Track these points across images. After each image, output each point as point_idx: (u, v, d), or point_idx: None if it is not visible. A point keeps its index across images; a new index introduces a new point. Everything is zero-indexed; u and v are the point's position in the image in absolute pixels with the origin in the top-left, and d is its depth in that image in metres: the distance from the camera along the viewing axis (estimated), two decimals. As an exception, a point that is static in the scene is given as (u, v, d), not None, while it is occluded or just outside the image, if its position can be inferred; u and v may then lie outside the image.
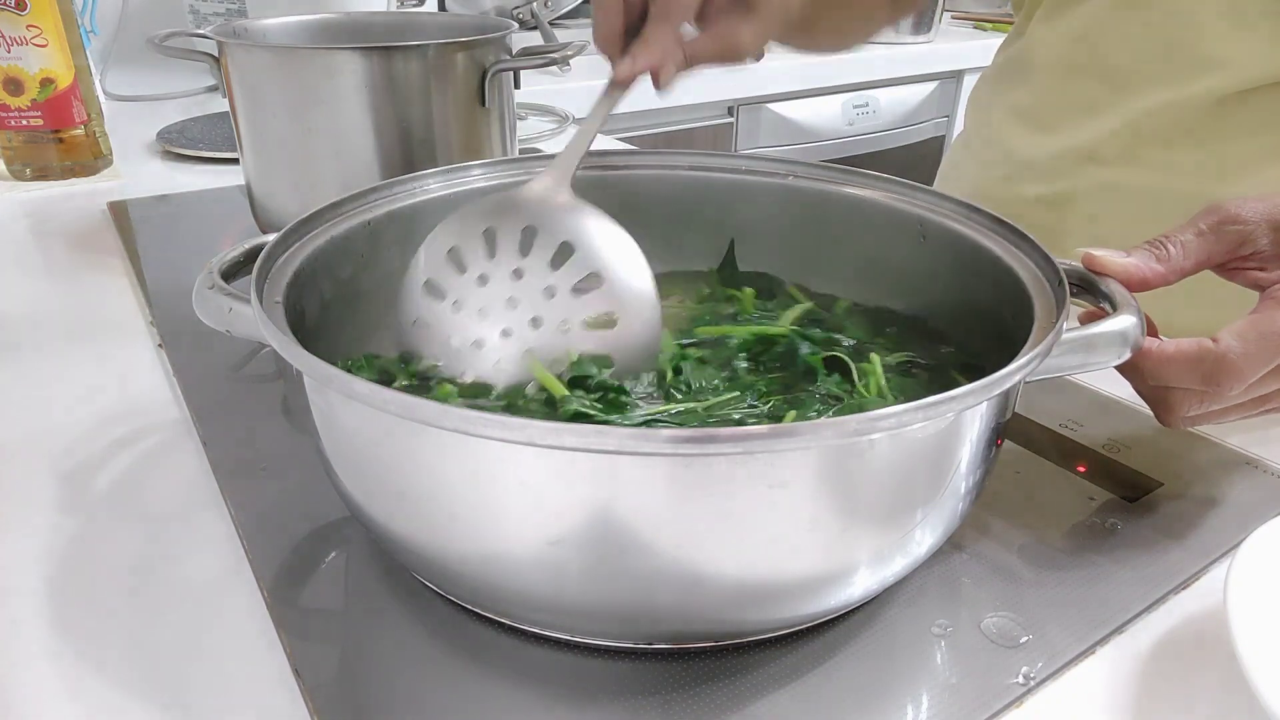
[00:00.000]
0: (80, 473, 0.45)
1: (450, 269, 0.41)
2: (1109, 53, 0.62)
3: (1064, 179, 0.66)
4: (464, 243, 0.41)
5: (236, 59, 0.62)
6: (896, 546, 0.32)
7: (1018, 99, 0.70)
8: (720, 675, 0.33)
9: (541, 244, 0.41)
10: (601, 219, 0.42)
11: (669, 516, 0.28)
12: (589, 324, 0.40)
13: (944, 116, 1.91)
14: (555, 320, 0.40)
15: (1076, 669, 0.34)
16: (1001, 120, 0.71)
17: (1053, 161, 0.67)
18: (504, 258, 0.41)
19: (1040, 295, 0.37)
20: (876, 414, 0.27)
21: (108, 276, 0.68)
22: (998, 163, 0.71)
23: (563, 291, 0.40)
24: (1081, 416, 0.50)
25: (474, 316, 0.41)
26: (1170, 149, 0.60)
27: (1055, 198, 0.67)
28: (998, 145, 0.71)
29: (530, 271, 0.41)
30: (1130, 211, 0.63)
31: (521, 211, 0.42)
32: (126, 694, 0.32)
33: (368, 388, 0.28)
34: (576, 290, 0.40)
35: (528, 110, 1.21)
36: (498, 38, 0.65)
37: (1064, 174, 0.66)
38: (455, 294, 0.41)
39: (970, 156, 0.77)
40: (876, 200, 0.49)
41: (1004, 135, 0.71)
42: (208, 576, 0.38)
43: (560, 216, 0.41)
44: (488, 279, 0.41)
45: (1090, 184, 0.64)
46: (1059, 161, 0.66)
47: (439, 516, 0.31)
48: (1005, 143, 0.70)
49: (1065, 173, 0.66)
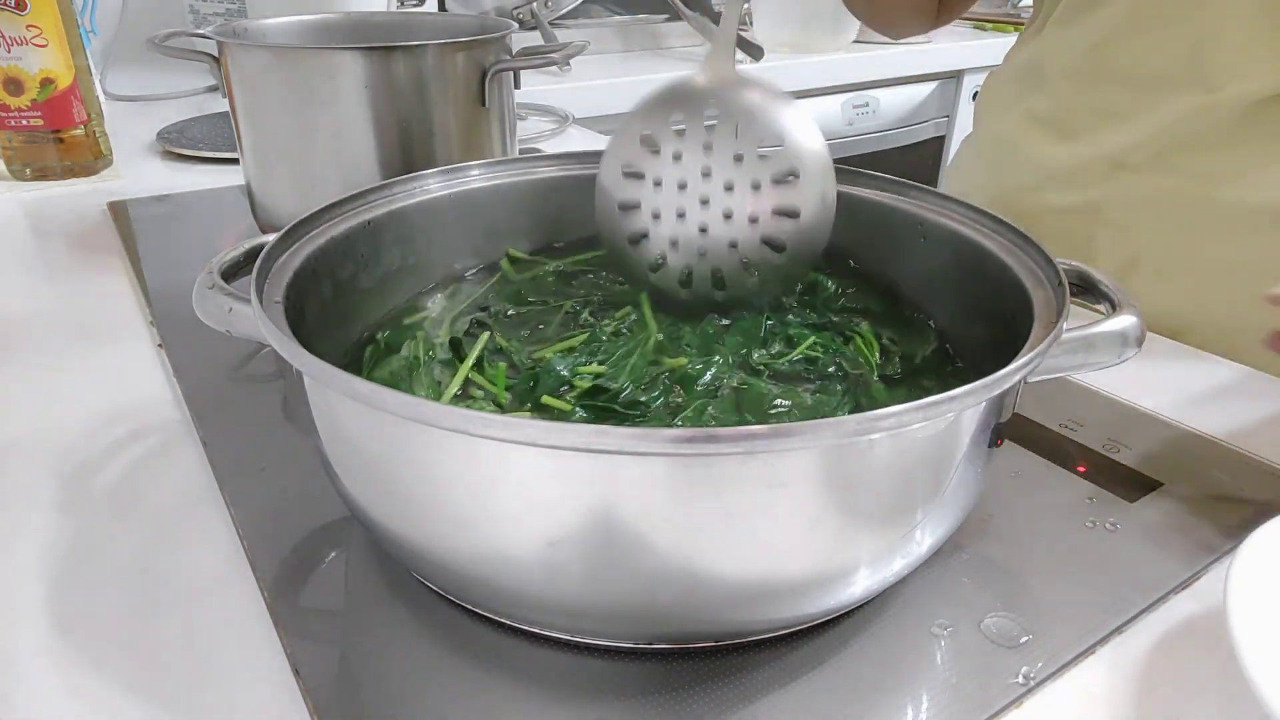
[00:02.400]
0: (80, 473, 0.45)
1: (645, 152, 0.45)
2: (1132, 59, 0.61)
3: (1091, 188, 0.65)
4: (655, 128, 0.45)
5: (236, 59, 0.62)
6: (896, 546, 0.32)
7: (1035, 104, 0.69)
8: (720, 675, 0.33)
9: (724, 121, 0.44)
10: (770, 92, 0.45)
11: (669, 516, 0.28)
12: (775, 179, 0.44)
13: (944, 116, 1.91)
14: (746, 183, 0.44)
15: (1076, 669, 0.34)
16: (1018, 126, 0.70)
17: (1078, 170, 0.65)
18: (692, 135, 0.45)
19: (1040, 295, 0.37)
20: (876, 414, 0.27)
21: (108, 276, 0.68)
22: (1017, 170, 0.70)
23: (750, 157, 0.44)
24: (1081, 416, 0.50)
25: (674, 191, 0.45)
26: (1203, 154, 0.59)
27: (1083, 206, 0.65)
28: (1016, 152, 0.70)
29: (718, 145, 0.44)
30: (1163, 220, 0.62)
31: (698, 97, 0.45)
32: (126, 694, 0.32)
33: (368, 388, 0.28)
34: (762, 156, 0.44)
35: (528, 110, 1.21)
36: (498, 38, 0.65)
37: (1091, 183, 0.65)
38: (654, 173, 0.45)
39: (982, 161, 0.76)
40: (876, 200, 0.49)
41: (1022, 142, 0.70)
42: (208, 576, 0.38)
43: (735, 93, 0.44)
44: (681, 156, 0.45)
45: (1120, 193, 0.63)
46: (1085, 170, 0.65)
47: (439, 516, 0.31)
48: (1024, 150, 0.69)
49: (1092, 181, 0.65)
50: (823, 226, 0.44)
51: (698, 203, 0.45)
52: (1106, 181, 0.64)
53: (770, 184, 0.44)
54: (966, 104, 1.91)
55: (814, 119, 0.44)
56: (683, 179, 0.45)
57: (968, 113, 1.92)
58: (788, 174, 0.44)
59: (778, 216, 0.44)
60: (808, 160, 0.44)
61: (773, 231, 0.45)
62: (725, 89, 0.45)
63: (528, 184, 0.52)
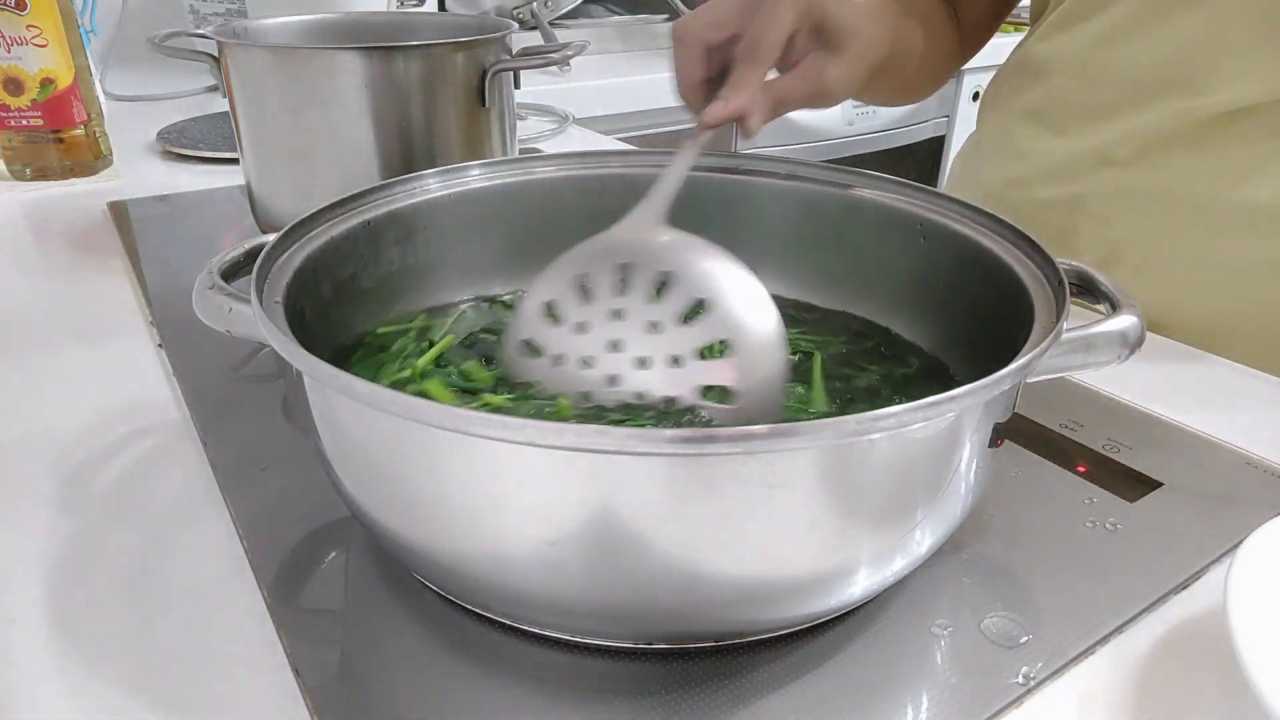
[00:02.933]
0: (80, 473, 0.45)
1: (545, 323, 0.39)
2: (1129, 60, 0.61)
3: (1077, 181, 0.66)
4: (558, 294, 0.39)
5: (236, 59, 0.62)
6: (896, 546, 0.32)
7: (1031, 101, 0.69)
8: (720, 675, 0.33)
9: (640, 279, 0.38)
10: (708, 249, 0.38)
11: (669, 516, 0.28)
12: (701, 353, 0.36)
13: (944, 116, 1.91)
14: (663, 356, 0.36)
15: (1076, 669, 0.34)
16: (1014, 122, 0.71)
17: (1066, 163, 0.66)
18: (601, 301, 0.38)
19: (1040, 295, 0.37)
20: (877, 414, 0.27)
21: (108, 276, 0.68)
22: (1010, 164, 0.71)
23: (669, 324, 0.37)
24: (1081, 416, 0.50)
25: (576, 366, 0.38)
26: (1184, 153, 0.60)
27: (1068, 200, 0.66)
28: (1010, 147, 0.71)
29: (631, 309, 0.37)
30: (1144, 215, 0.63)
31: (616, 252, 0.39)
32: (126, 694, 0.32)
33: (368, 388, 0.28)
34: (684, 322, 0.37)
35: (528, 110, 1.21)
36: (498, 38, 0.65)
37: (1077, 176, 0.66)
38: (554, 348, 0.38)
39: (982, 157, 0.76)
40: (876, 200, 0.49)
41: (1016, 137, 0.70)
42: (208, 576, 0.38)
43: (658, 251, 0.39)
44: (588, 326, 0.38)
45: (1103, 186, 0.64)
46: (1072, 164, 0.66)
47: (439, 516, 0.31)
48: (1018, 144, 0.70)
49: (1078, 175, 0.65)
50: (768, 406, 0.36)
51: (603, 383, 0.37)
52: (1091, 175, 0.65)
53: (694, 358, 0.36)
54: (967, 104, 1.91)
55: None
56: (587, 354, 0.38)
57: (968, 113, 1.92)
58: (716, 345, 0.36)
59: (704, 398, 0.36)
60: (743, 330, 0.36)
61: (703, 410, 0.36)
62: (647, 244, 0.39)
63: (528, 184, 0.52)
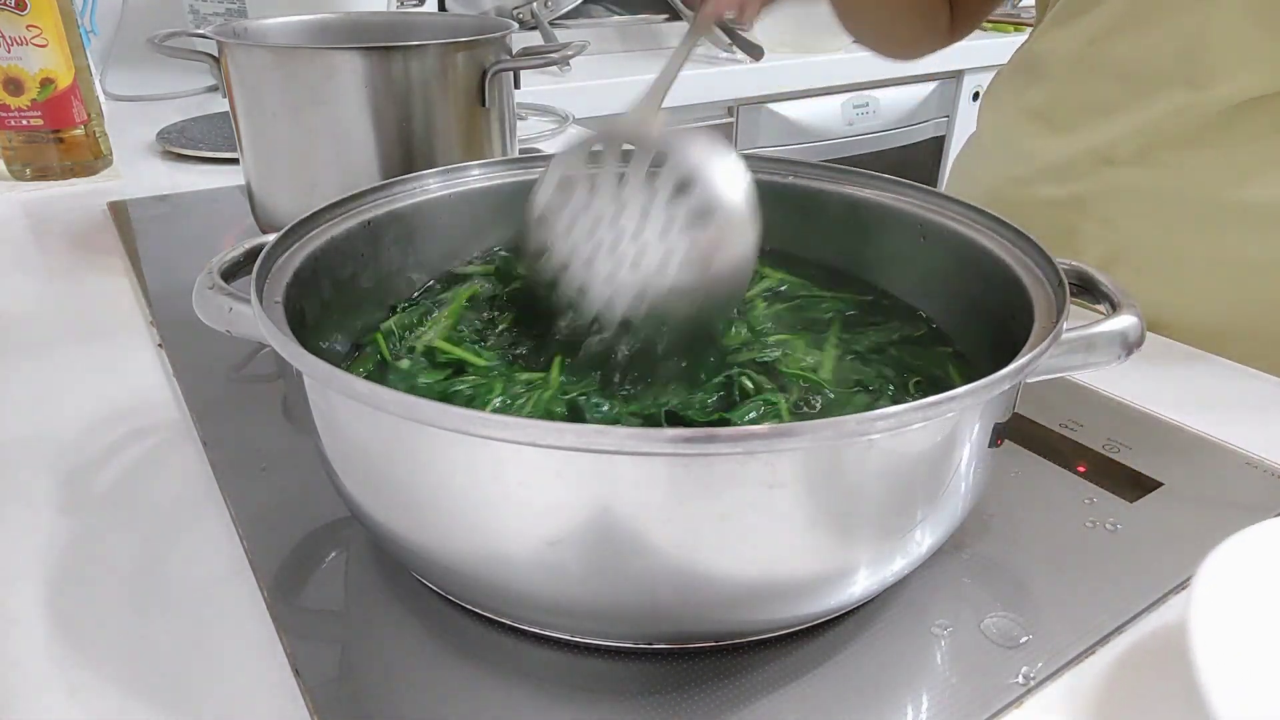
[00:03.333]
0: (80, 473, 0.45)
1: (561, 194, 0.44)
2: (1126, 56, 0.61)
3: (1079, 180, 0.66)
4: (571, 172, 0.44)
5: (236, 59, 0.62)
6: (896, 546, 0.32)
7: (1031, 99, 0.69)
8: (720, 675, 0.33)
9: (638, 162, 0.42)
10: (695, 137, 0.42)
11: (668, 516, 0.28)
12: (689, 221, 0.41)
13: (944, 116, 1.91)
14: (655, 230, 0.41)
15: (1076, 669, 0.34)
16: (1015, 120, 0.71)
17: (1068, 163, 0.66)
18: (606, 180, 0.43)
19: (1040, 295, 0.37)
20: (876, 414, 0.27)
21: (108, 276, 0.68)
22: (1011, 163, 0.71)
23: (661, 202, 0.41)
24: (1081, 416, 0.50)
25: (585, 234, 0.43)
26: (1185, 151, 0.60)
27: (1069, 199, 0.66)
28: (1012, 146, 0.71)
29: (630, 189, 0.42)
30: (1145, 214, 0.63)
31: (621, 137, 0.44)
32: (126, 694, 0.32)
33: (368, 388, 0.28)
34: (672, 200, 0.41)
35: (528, 110, 1.21)
36: (498, 38, 0.65)
37: (1079, 175, 0.66)
38: (568, 216, 0.43)
39: (983, 156, 0.77)
40: (876, 200, 0.49)
41: (1018, 135, 0.70)
42: (208, 576, 0.38)
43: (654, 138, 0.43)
44: (593, 200, 0.43)
45: (1105, 186, 0.64)
46: (1074, 163, 0.66)
47: (439, 516, 0.31)
48: (1019, 143, 0.70)
49: (1080, 174, 0.65)
50: (739, 275, 0.41)
51: (605, 250, 0.43)
52: (1093, 175, 0.65)
53: (679, 229, 0.41)
54: (966, 104, 1.92)
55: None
56: (592, 226, 0.43)
57: (968, 113, 1.92)
58: (698, 219, 0.41)
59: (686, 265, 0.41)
60: (722, 206, 0.41)
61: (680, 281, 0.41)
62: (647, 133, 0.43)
63: (528, 184, 0.51)
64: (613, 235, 0.42)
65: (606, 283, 0.42)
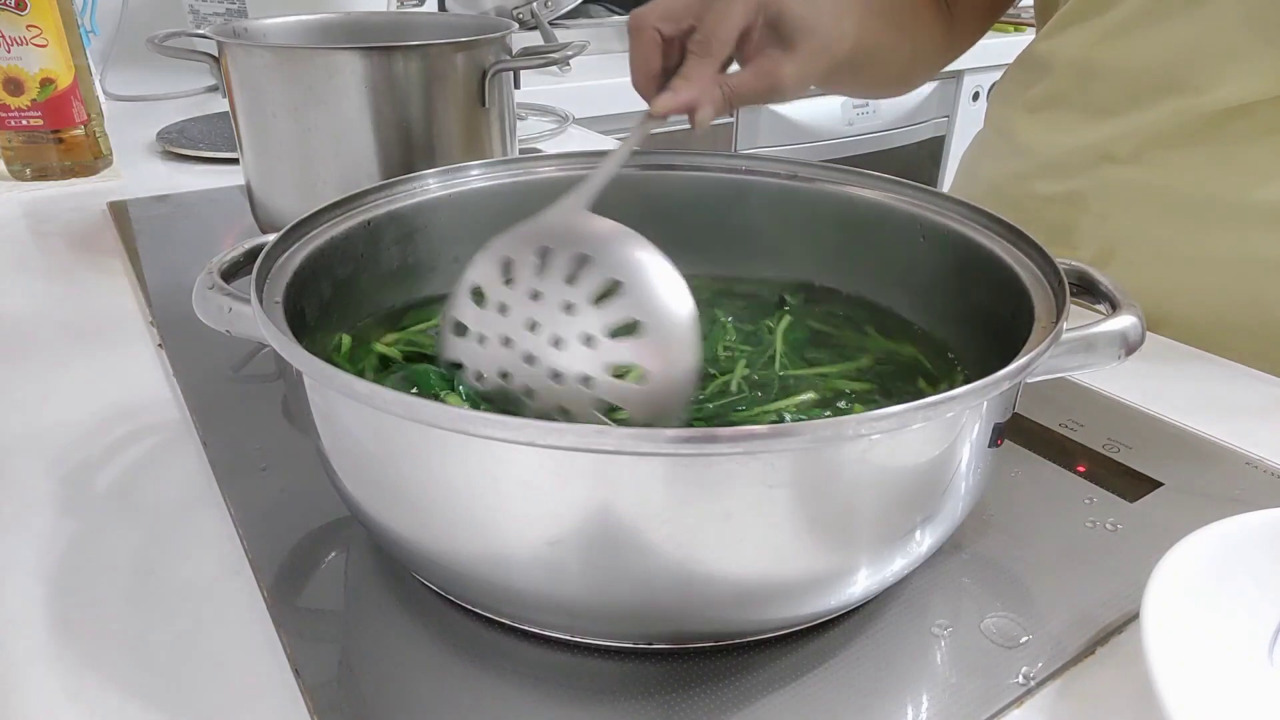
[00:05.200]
0: (80, 473, 0.45)
1: (472, 305, 0.39)
2: (1129, 59, 0.62)
3: (1077, 177, 0.66)
4: (485, 278, 0.39)
5: (236, 59, 0.62)
6: (896, 546, 0.32)
7: (1033, 97, 0.70)
8: (720, 675, 0.33)
9: (559, 261, 0.38)
10: (627, 235, 0.38)
11: (668, 516, 0.28)
12: (614, 332, 0.36)
13: (944, 116, 1.91)
14: (576, 335, 0.37)
15: (1076, 669, 0.34)
16: (1017, 117, 0.71)
17: (1067, 159, 0.67)
18: (522, 283, 0.38)
19: (1040, 295, 0.37)
20: (876, 414, 0.27)
21: (108, 276, 0.68)
22: (1012, 159, 0.71)
23: (583, 305, 0.37)
24: (1081, 416, 0.50)
25: (497, 347, 0.38)
26: (1182, 151, 0.60)
27: (1068, 196, 0.67)
28: (1013, 142, 0.71)
29: (549, 291, 0.38)
30: (1141, 211, 0.63)
31: (540, 236, 0.39)
32: (126, 694, 0.32)
33: (368, 388, 0.28)
34: (598, 303, 0.37)
35: (528, 110, 1.21)
36: (498, 38, 0.65)
37: (1078, 172, 0.66)
38: (478, 328, 0.39)
39: (987, 153, 0.77)
40: (876, 200, 0.49)
41: (1019, 132, 0.71)
42: (208, 576, 0.38)
43: (578, 236, 0.38)
44: (508, 308, 0.38)
45: (1103, 183, 0.65)
46: (1073, 160, 0.66)
47: (439, 516, 0.31)
48: (1020, 139, 0.70)
49: (1079, 171, 0.66)
50: (677, 392, 0.36)
51: (521, 360, 0.38)
52: (1091, 172, 0.65)
53: (606, 338, 0.36)
54: (967, 104, 1.92)
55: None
56: (507, 333, 0.38)
57: (968, 113, 1.92)
58: (628, 326, 0.36)
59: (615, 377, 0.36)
60: (655, 312, 0.36)
61: (609, 395, 0.36)
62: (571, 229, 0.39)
63: (528, 184, 0.52)
64: (529, 344, 0.37)
65: (526, 396, 0.38)
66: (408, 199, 0.47)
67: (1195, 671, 0.30)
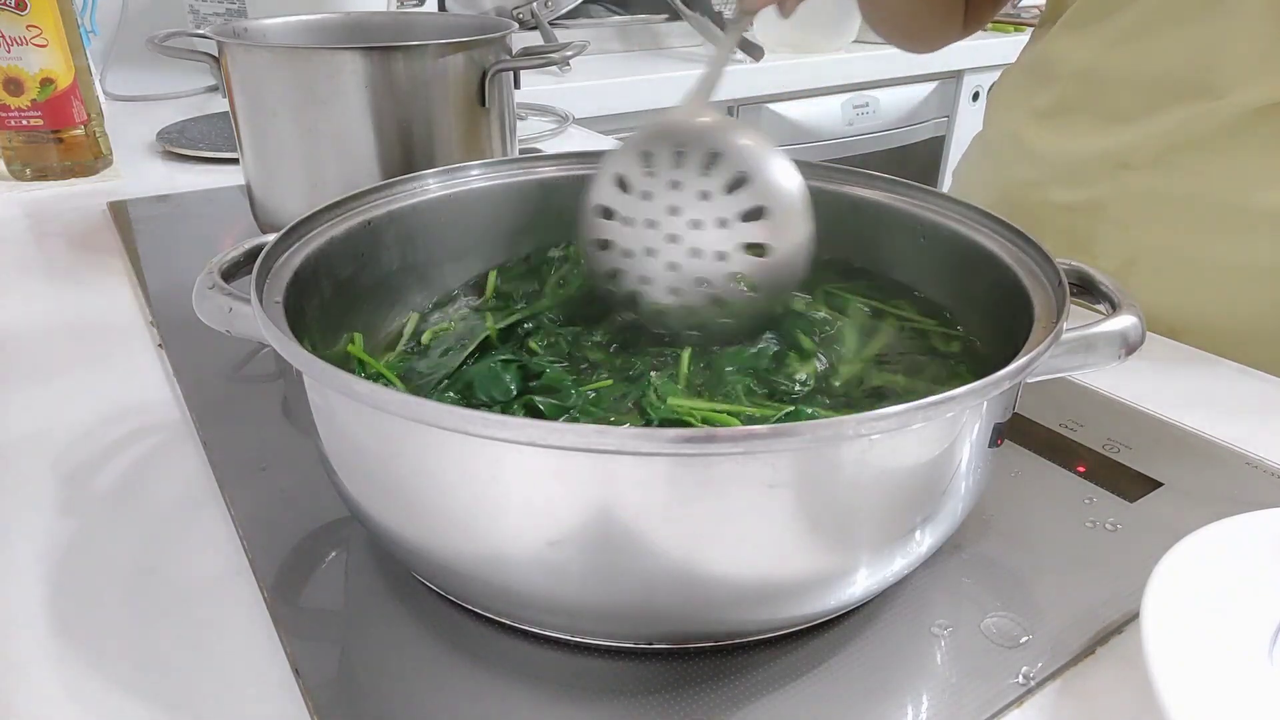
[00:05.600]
0: (80, 473, 0.45)
1: (616, 191, 0.45)
2: (1143, 63, 0.61)
3: (1095, 185, 0.65)
4: (627, 168, 0.45)
5: (236, 59, 0.62)
6: (896, 546, 0.32)
7: (1042, 102, 0.69)
8: (720, 675, 0.33)
9: (693, 157, 0.44)
10: (746, 130, 0.44)
11: (669, 516, 0.28)
12: (744, 216, 0.43)
13: (944, 116, 1.91)
14: (712, 219, 0.43)
15: (1076, 669, 0.34)
16: (1025, 123, 0.71)
17: (1082, 167, 0.66)
18: (661, 175, 0.44)
19: (1040, 295, 0.37)
20: (876, 414, 0.27)
21: (108, 276, 0.68)
22: (1023, 166, 0.71)
23: (717, 194, 0.43)
24: (1081, 416, 0.50)
25: (642, 228, 0.45)
26: (1202, 156, 0.60)
27: (1085, 204, 0.66)
28: (1021, 148, 0.70)
29: (687, 181, 0.44)
30: (1163, 219, 0.62)
31: (671, 134, 0.45)
32: (126, 694, 0.32)
33: (368, 388, 0.28)
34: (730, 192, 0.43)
35: (528, 110, 1.21)
36: (498, 38, 0.65)
37: (1095, 180, 0.65)
38: (625, 211, 0.45)
39: (990, 157, 0.76)
40: (876, 200, 0.49)
41: (1028, 138, 0.70)
42: (208, 576, 0.38)
43: (706, 132, 0.44)
44: (651, 194, 0.45)
45: (1122, 191, 0.64)
46: (1089, 167, 0.65)
47: (439, 516, 0.31)
48: (1030, 146, 0.70)
49: (1096, 179, 0.65)
50: (795, 263, 0.44)
51: (665, 240, 0.45)
52: (1109, 179, 0.64)
53: (737, 220, 0.43)
54: (967, 104, 1.92)
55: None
56: (652, 217, 0.45)
57: (968, 113, 1.92)
58: (755, 210, 0.43)
59: (746, 253, 0.43)
60: (776, 197, 0.43)
61: (740, 268, 0.44)
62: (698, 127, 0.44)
63: (528, 184, 0.52)
64: (672, 227, 0.44)
65: (670, 270, 0.44)
66: (408, 199, 0.47)
67: (1195, 671, 0.30)
